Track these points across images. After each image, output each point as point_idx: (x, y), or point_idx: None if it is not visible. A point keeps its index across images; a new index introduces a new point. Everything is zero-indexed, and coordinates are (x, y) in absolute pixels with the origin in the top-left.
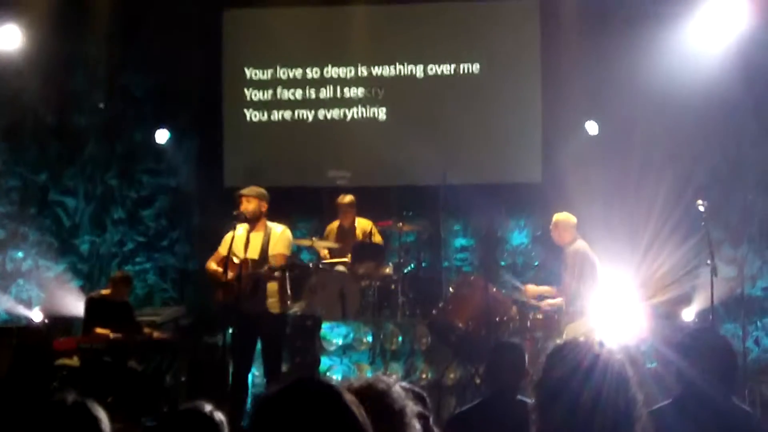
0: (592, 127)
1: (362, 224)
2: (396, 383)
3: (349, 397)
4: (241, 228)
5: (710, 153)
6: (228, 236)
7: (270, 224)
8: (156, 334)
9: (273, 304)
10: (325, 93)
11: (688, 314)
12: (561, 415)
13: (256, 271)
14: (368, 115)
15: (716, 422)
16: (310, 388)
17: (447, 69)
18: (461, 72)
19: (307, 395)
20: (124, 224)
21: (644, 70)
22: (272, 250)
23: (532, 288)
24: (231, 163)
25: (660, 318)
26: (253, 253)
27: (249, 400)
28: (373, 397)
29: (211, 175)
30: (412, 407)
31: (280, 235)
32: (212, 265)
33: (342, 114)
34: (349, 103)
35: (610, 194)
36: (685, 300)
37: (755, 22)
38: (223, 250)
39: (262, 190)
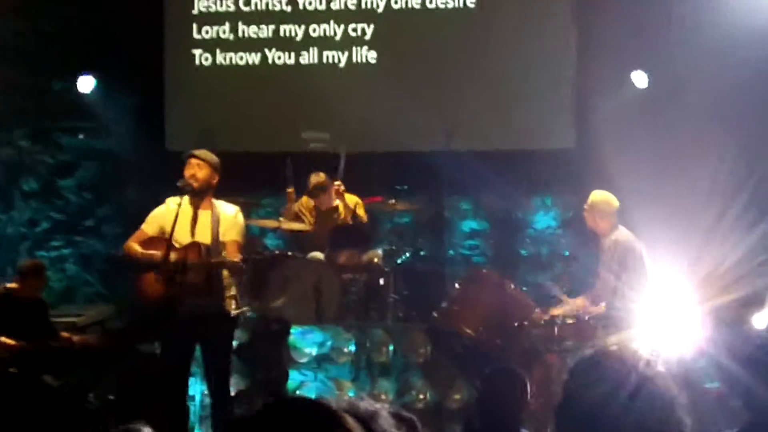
0: (639, 79)
1: (348, 201)
2: (383, 409)
3: (350, 422)
4: (183, 203)
5: None
6: (159, 212)
7: (218, 203)
8: (77, 340)
9: (223, 303)
10: (298, 31)
11: (760, 320)
12: None
13: (208, 261)
14: (353, 60)
15: None
16: (301, 410)
17: (455, 1)
18: (473, 6)
19: (298, 420)
20: (36, 198)
21: (707, 7)
22: (223, 237)
23: (556, 310)
24: (175, 120)
25: (724, 325)
26: (203, 236)
27: (193, 424)
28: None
29: (150, 136)
30: None
31: (232, 219)
32: (135, 246)
33: (319, 58)
34: (329, 44)
35: (660, 166)
36: (756, 302)
37: None
38: (149, 228)
39: (216, 159)
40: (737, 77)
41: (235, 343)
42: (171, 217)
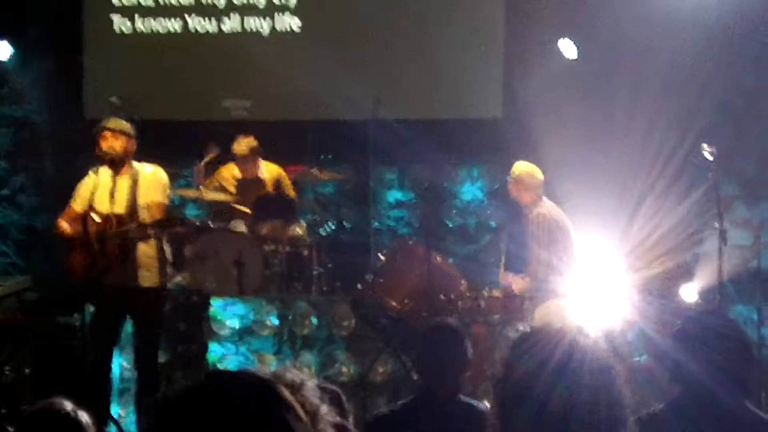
0: (568, 48)
1: (271, 171)
2: (309, 379)
3: (287, 394)
4: (102, 173)
5: (720, 83)
6: (83, 185)
7: (137, 165)
8: None
9: (146, 274)
10: None
11: (689, 293)
12: (527, 422)
13: (123, 230)
14: (276, 27)
15: None
16: (236, 383)
17: None
18: None
19: (233, 393)
20: None
21: None
22: (143, 199)
23: (516, 284)
24: (93, 88)
25: (652, 297)
26: (119, 205)
27: (114, 397)
28: None
29: (67, 104)
30: (328, 412)
31: (151, 178)
32: (63, 224)
33: (241, 24)
34: (252, 11)
35: (590, 135)
36: (685, 274)
37: None
38: (77, 204)
39: (130, 127)
40: (668, 47)
41: None
42: (88, 189)
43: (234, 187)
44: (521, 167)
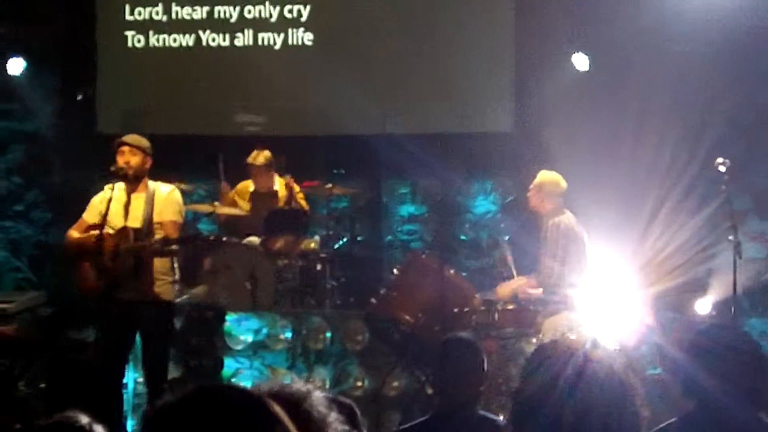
0: (580, 62)
1: (284, 185)
2: (316, 390)
3: (276, 408)
4: (117, 189)
5: (732, 96)
6: (98, 199)
7: (153, 184)
8: (5, 328)
9: (160, 287)
10: (233, 12)
11: (703, 306)
12: (533, 426)
13: (138, 245)
14: (289, 42)
15: None
16: (224, 397)
17: None
18: None
19: (220, 406)
20: None
21: None
22: (158, 217)
23: (503, 289)
24: (106, 103)
25: (666, 311)
26: (134, 220)
27: (126, 412)
28: (287, 405)
29: (80, 119)
30: (336, 421)
31: (167, 198)
32: (74, 235)
33: (254, 40)
34: (264, 26)
35: (602, 149)
36: (699, 288)
37: None
38: (90, 217)
39: (148, 143)
40: (678, 60)
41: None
42: (104, 203)
43: (248, 202)
44: (546, 175)
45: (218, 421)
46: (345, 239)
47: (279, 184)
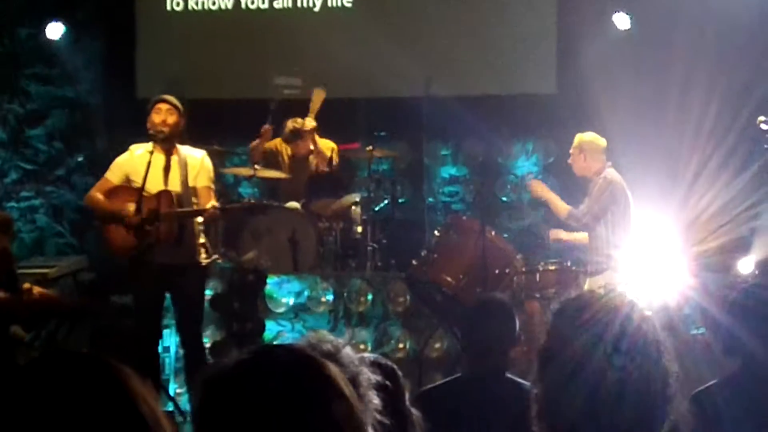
0: (622, 21)
1: (324, 146)
2: (347, 347)
3: (332, 369)
4: (145, 150)
5: None
6: (124, 159)
7: (183, 148)
8: (36, 291)
9: (198, 251)
10: None
11: (746, 266)
12: (569, 392)
13: (184, 211)
14: (328, 4)
15: None
16: (278, 359)
17: None
18: None
19: (278, 369)
20: (5, 148)
21: None
22: (193, 182)
23: (556, 233)
24: (146, 67)
25: (709, 270)
26: (173, 185)
27: (168, 376)
28: None
29: (120, 84)
30: (368, 376)
31: (201, 164)
32: (98, 196)
33: (293, 2)
34: None
35: (645, 109)
36: (742, 247)
37: None
38: (113, 177)
39: (181, 105)
40: (723, 19)
41: (210, 294)
42: (137, 164)
43: (288, 164)
44: (583, 136)
45: (273, 388)
46: (386, 201)
47: (322, 144)
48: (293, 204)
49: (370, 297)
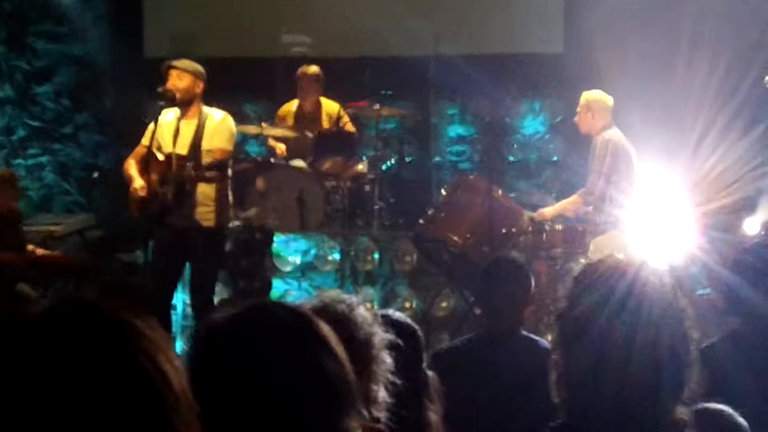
0: None
1: (328, 107)
2: (361, 306)
3: (324, 328)
4: (171, 114)
5: None
6: (153, 124)
7: (207, 110)
8: (39, 252)
9: (204, 214)
10: None
11: (752, 225)
12: (590, 356)
13: (182, 172)
14: None
15: None
16: (271, 315)
17: None
18: None
19: (268, 324)
20: (12, 105)
21: None
22: (208, 144)
23: (548, 211)
24: (154, 25)
25: (715, 230)
26: (182, 146)
27: (175, 334)
28: (330, 321)
29: (128, 42)
30: (381, 336)
31: (218, 125)
32: (130, 162)
33: None
34: None
35: (653, 69)
36: (749, 207)
37: None
38: (146, 140)
39: (199, 67)
40: None
41: None
42: (163, 129)
43: (294, 123)
44: (590, 94)
45: (264, 338)
46: (393, 160)
47: (325, 106)
48: (300, 163)
49: (377, 256)
